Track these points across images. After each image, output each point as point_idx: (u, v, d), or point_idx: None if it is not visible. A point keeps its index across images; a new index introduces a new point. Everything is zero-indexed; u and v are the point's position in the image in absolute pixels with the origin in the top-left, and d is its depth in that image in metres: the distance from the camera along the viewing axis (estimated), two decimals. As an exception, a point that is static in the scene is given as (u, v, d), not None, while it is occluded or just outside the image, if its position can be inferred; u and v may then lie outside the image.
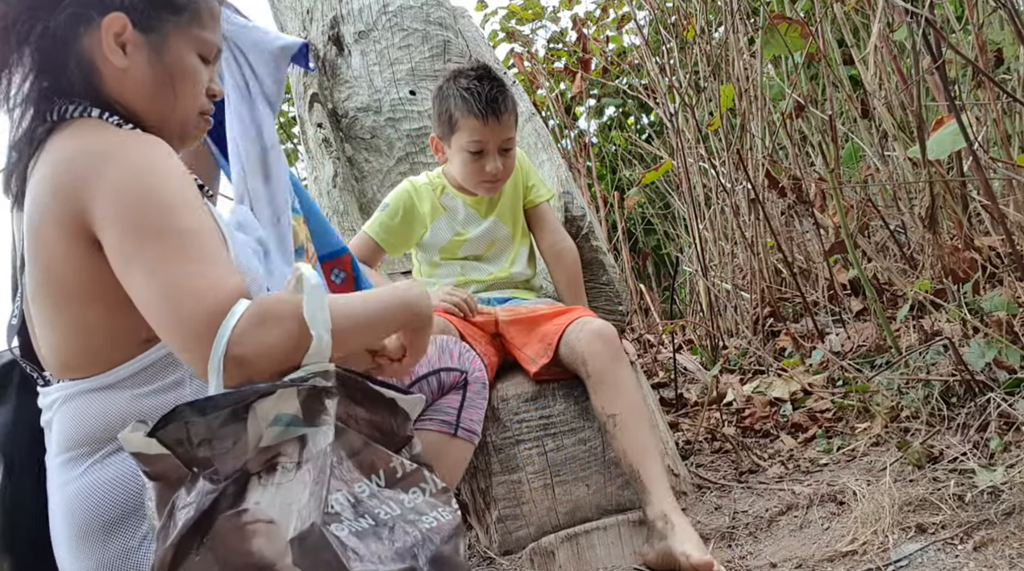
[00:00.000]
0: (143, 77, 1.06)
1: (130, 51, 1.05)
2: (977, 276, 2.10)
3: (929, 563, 1.36)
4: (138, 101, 1.07)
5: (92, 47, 1.04)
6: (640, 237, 4.21)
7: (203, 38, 1.10)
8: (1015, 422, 1.66)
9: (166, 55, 1.07)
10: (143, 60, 1.06)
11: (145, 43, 1.06)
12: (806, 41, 2.51)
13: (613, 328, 1.73)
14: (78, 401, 1.01)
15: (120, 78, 1.05)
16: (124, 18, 1.04)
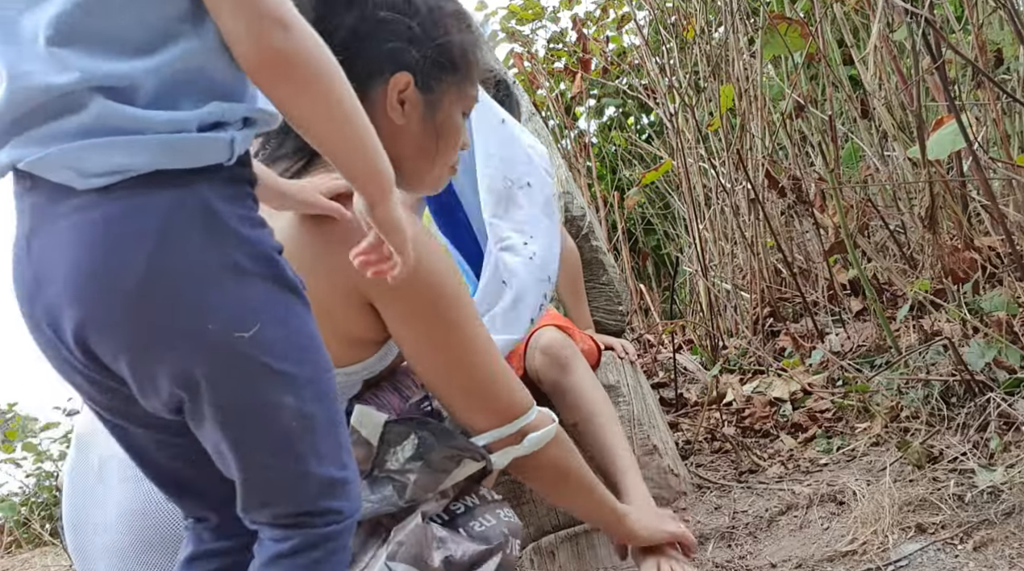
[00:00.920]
0: (414, 133, 1.07)
1: (407, 109, 1.05)
2: (977, 276, 2.10)
3: (929, 563, 1.36)
4: (403, 155, 1.04)
5: (376, 100, 1.04)
6: (640, 237, 4.21)
7: (470, 95, 1.11)
8: (1015, 422, 1.66)
9: (438, 114, 1.08)
10: (417, 118, 1.06)
11: (422, 101, 1.06)
12: (806, 41, 2.51)
13: (560, 337, 1.71)
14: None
15: (394, 133, 1.03)
16: (409, 77, 1.04)
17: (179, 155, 0.66)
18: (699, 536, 1.67)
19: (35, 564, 2.56)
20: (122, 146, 0.65)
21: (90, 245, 0.65)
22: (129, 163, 0.65)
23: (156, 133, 0.66)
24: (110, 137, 0.65)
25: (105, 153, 0.65)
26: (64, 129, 0.65)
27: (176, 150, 0.66)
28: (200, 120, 0.68)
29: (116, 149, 0.65)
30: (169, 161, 0.66)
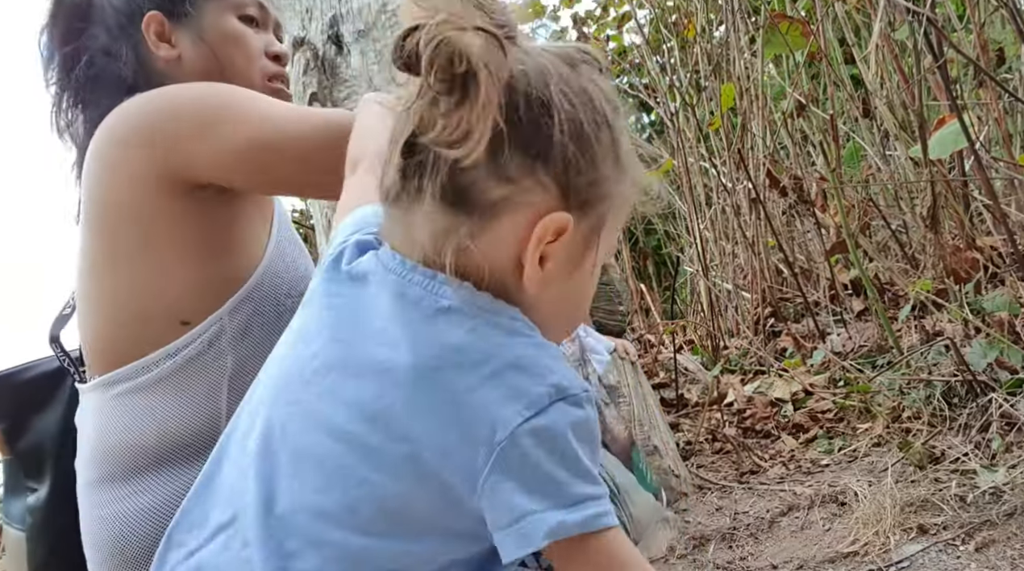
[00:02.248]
0: (192, 61, 1.08)
1: (176, 41, 1.08)
2: (979, 276, 2.10)
3: (931, 564, 1.35)
4: (194, 80, 1.07)
5: (146, 50, 1.07)
6: (640, 237, 4.20)
7: (236, 0, 1.11)
8: (1017, 422, 1.65)
9: (205, 33, 1.09)
10: (189, 45, 1.08)
11: (186, 30, 1.08)
12: (807, 40, 2.50)
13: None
14: (106, 400, 0.96)
15: (175, 68, 1.07)
16: (158, 15, 1.07)
17: None
18: (700, 537, 1.66)
19: (35, 564, 2.56)
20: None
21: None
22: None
23: None
24: None
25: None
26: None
27: None
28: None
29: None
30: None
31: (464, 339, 0.58)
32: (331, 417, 0.60)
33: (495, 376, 0.57)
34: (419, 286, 0.61)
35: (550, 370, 0.58)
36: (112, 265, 0.96)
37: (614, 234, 0.66)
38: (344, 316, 0.64)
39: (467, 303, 0.59)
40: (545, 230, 0.58)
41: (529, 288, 0.61)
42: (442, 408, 0.57)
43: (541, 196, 0.58)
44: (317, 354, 0.63)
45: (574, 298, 0.67)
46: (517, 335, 0.60)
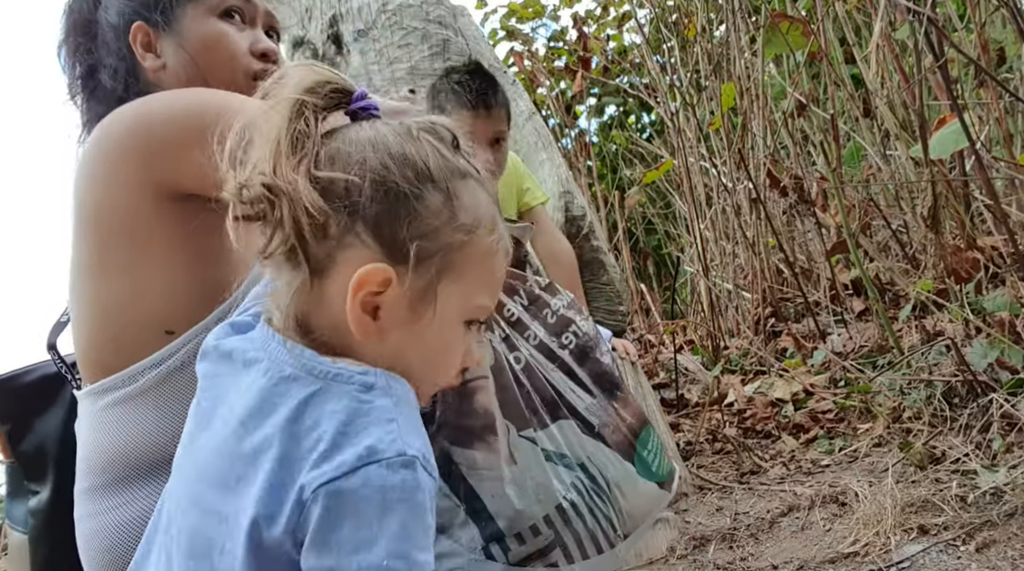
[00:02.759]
0: (175, 69, 1.08)
1: (160, 50, 1.09)
2: (980, 276, 2.09)
3: (931, 564, 1.35)
4: (179, 87, 1.07)
5: (135, 61, 1.09)
6: (641, 237, 4.20)
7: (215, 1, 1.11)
8: (1017, 423, 1.65)
9: (185, 40, 1.09)
10: (171, 54, 1.09)
11: (168, 38, 1.09)
12: (808, 40, 2.50)
13: None
14: (99, 416, 0.96)
15: (162, 77, 1.08)
16: (142, 26, 1.08)
17: None
18: (700, 537, 1.66)
19: (34, 564, 2.56)
20: None
21: None
22: None
23: None
24: None
25: None
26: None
27: None
28: None
29: None
30: None
31: (297, 409, 0.63)
32: (202, 493, 0.66)
33: (319, 441, 0.61)
34: (268, 359, 0.66)
35: (368, 434, 0.60)
36: (99, 273, 0.96)
37: (471, 288, 0.68)
38: (215, 397, 0.70)
39: (306, 370, 0.64)
40: (362, 280, 0.63)
41: (358, 335, 0.64)
42: (273, 480, 0.61)
43: (362, 251, 0.63)
44: (196, 435, 0.70)
45: (430, 349, 0.69)
46: (350, 400, 0.63)
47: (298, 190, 0.62)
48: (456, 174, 0.67)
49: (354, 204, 0.63)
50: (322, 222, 0.62)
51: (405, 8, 2.65)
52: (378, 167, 0.64)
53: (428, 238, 0.64)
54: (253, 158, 0.64)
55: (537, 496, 0.95)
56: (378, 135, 0.66)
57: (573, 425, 1.00)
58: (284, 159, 0.63)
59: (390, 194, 0.63)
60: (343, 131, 0.67)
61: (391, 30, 2.62)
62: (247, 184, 0.63)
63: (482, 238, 0.67)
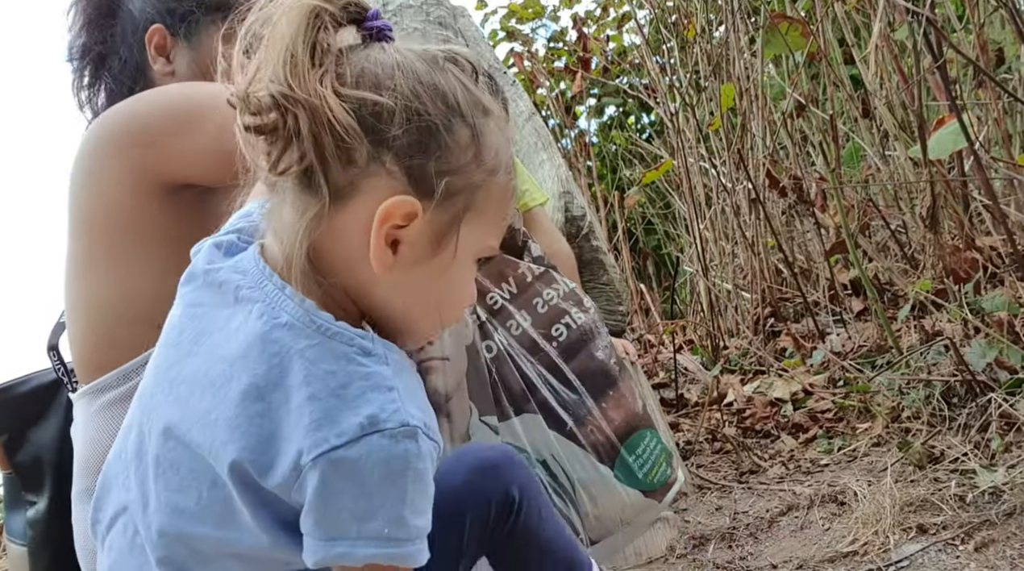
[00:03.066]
0: (182, 78, 1.10)
1: (173, 57, 1.10)
2: (978, 276, 2.10)
3: (930, 564, 1.36)
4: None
5: (146, 60, 1.11)
6: (640, 237, 4.20)
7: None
8: (1016, 422, 1.65)
9: (200, 55, 1.10)
10: (183, 64, 1.10)
11: (184, 47, 1.10)
12: (807, 40, 2.50)
13: None
14: (91, 413, 0.96)
15: (166, 82, 1.09)
16: (161, 28, 1.09)
17: None
18: (700, 537, 1.66)
19: (35, 564, 2.56)
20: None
21: None
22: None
23: None
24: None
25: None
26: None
27: None
28: None
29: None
30: None
31: (292, 360, 0.60)
32: (178, 427, 0.63)
33: (313, 400, 0.58)
34: (263, 302, 0.62)
35: (368, 401, 0.59)
36: (91, 271, 0.96)
37: (487, 228, 0.67)
38: (199, 330, 0.66)
39: (304, 322, 0.61)
40: (388, 212, 0.60)
41: (377, 269, 0.61)
42: (260, 427, 0.59)
43: (387, 181, 0.60)
44: (173, 364, 0.66)
45: (440, 287, 0.67)
46: (348, 362, 0.60)
47: (327, 105, 0.58)
48: (480, 110, 0.65)
49: (383, 131, 0.60)
50: (348, 145, 0.59)
51: (405, 9, 2.66)
52: (409, 94, 0.60)
53: (456, 174, 0.62)
54: (263, 65, 0.60)
55: None
56: (406, 60, 0.62)
57: (540, 420, 0.97)
58: (304, 70, 0.58)
59: (422, 124, 0.60)
60: (364, 50, 0.62)
61: (391, 30, 2.62)
62: (256, 92, 0.59)
63: (503, 178, 0.66)
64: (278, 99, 0.58)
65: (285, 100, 0.58)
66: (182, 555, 0.64)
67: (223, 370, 0.62)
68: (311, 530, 0.59)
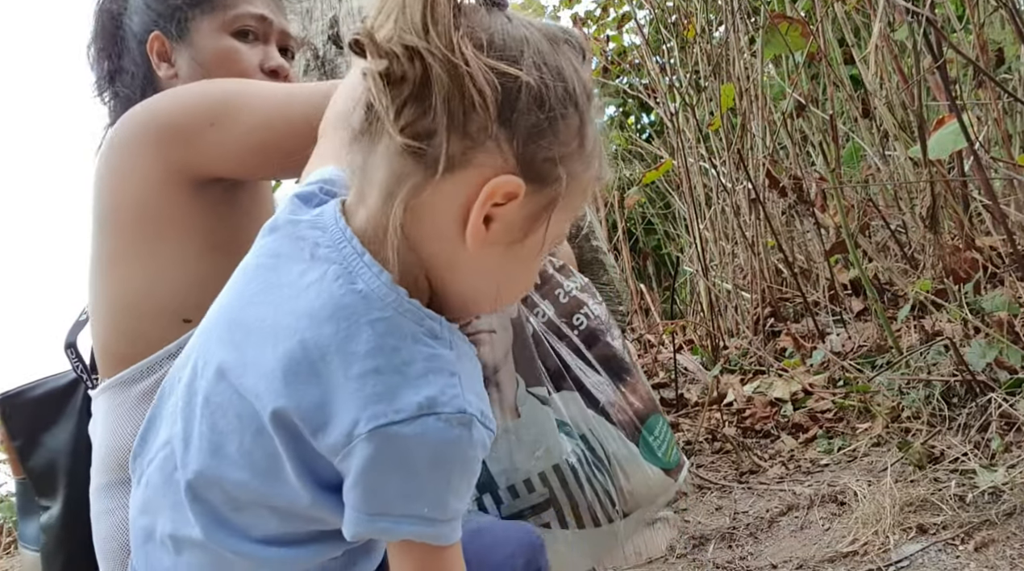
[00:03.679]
0: (187, 80, 1.10)
1: (175, 60, 1.11)
2: (978, 276, 2.10)
3: (930, 564, 1.36)
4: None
5: (151, 69, 1.12)
6: (640, 237, 4.20)
7: (230, 16, 1.11)
8: (1016, 422, 1.65)
9: (199, 53, 1.11)
10: (185, 65, 1.11)
11: (183, 49, 1.11)
12: (807, 40, 2.50)
13: None
14: (114, 406, 0.96)
15: (173, 86, 1.09)
16: (159, 35, 1.11)
17: None
18: (700, 537, 1.67)
19: (35, 564, 2.56)
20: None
21: None
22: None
23: None
24: None
25: None
26: None
27: None
28: None
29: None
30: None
31: (361, 328, 0.59)
32: (232, 370, 0.63)
33: (376, 372, 0.58)
34: (340, 265, 0.61)
35: (429, 383, 0.58)
36: (116, 265, 0.97)
37: (565, 220, 0.66)
38: (271, 280, 0.65)
39: (379, 294, 0.60)
40: (495, 189, 0.58)
41: (470, 243, 0.60)
42: (316, 387, 0.59)
43: (497, 158, 0.58)
44: (238, 308, 0.66)
45: (511, 271, 0.66)
46: (415, 341, 0.60)
47: (468, 68, 0.55)
48: (587, 97, 0.62)
49: (510, 106, 0.57)
50: (474, 114, 0.56)
51: (405, 9, 2.66)
52: (535, 74, 0.58)
53: (561, 162, 0.60)
54: (391, 10, 0.56)
55: (535, 451, 0.95)
56: (531, 36, 0.60)
57: (577, 397, 1.00)
58: (446, 25, 0.55)
59: (543, 107, 0.58)
60: (487, 17, 0.59)
61: (391, 31, 2.62)
62: (389, 38, 0.56)
63: (596, 168, 0.64)
64: (420, 52, 0.55)
65: (427, 55, 0.55)
66: (217, 498, 0.64)
67: (289, 324, 0.61)
68: (356, 503, 0.59)
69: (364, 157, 0.62)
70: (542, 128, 0.59)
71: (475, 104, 0.56)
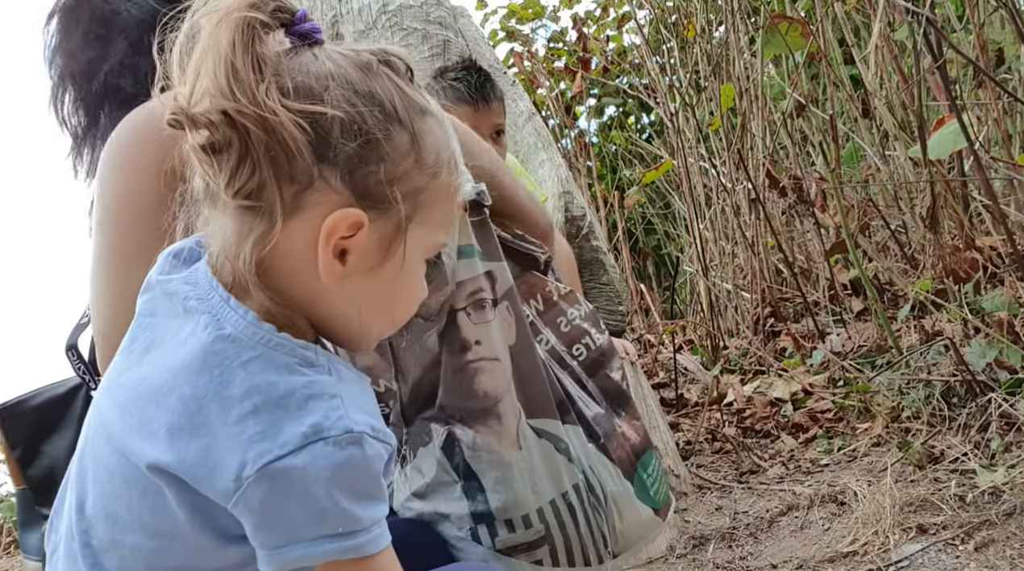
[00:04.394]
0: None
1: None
2: (978, 276, 2.10)
3: (930, 563, 1.36)
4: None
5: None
6: (640, 237, 4.20)
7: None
8: (1016, 422, 1.65)
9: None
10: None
11: None
12: (807, 40, 2.50)
13: None
14: None
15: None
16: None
17: None
18: (700, 537, 1.67)
19: (35, 564, 2.56)
20: None
21: None
22: None
23: None
24: None
25: None
26: None
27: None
28: None
29: None
30: None
31: (233, 372, 0.60)
32: (118, 432, 0.63)
33: (255, 412, 0.58)
34: (208, 313, 0.62)
35: (311, 411, 0.59)
36: (119, 262, 0.97)
37: (434, 227, 0.66)
38: (149, 339, 0.66)
39: (246, 334, 0.61)
40: (334, 226, 0.60)
41: (327, 281, 0.61)
42: (198, 439, 0.59)
43: (330, 194, 0.60)
44: (122, 371, 0.67)
45: (391, 291, 0.67)
46: (290, 373, 0.60)
47: (279, 120, 0.57)
48: (418, 112, 0.64)
49: (325, 144, 0.59)
50: (295, 161, 0.58)
51: (405, 9, 2.66)
52: (346, 106, 0.59)
53: (398, 182, 0.62)
54: (199, 81, 0.58)
55: (534, 487, 0.94)
56: (339, 69, 0.61)
57: (579, 431, 0.99)
58: (250, 84, 0.57)
59: (360, 135, 0.60)
60: (296, 57, 0.61)
61: (391, 31, 2.62)
62: (203, 109, 0.58)
63: (445, 178, 0.65)
64: (231, 115, 0.57)
65: (238, 115, 0.57)
66: (114, 566, 0.64)
67: (166, 380, 0.61)
68: (264, 541, 0.60)
69: (211, 215, 0.64)
70: (364, 155, 0.60)
71: (293, 150, 0.58)
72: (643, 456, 1.05)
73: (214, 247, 0.65)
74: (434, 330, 0.91)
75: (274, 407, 0.58)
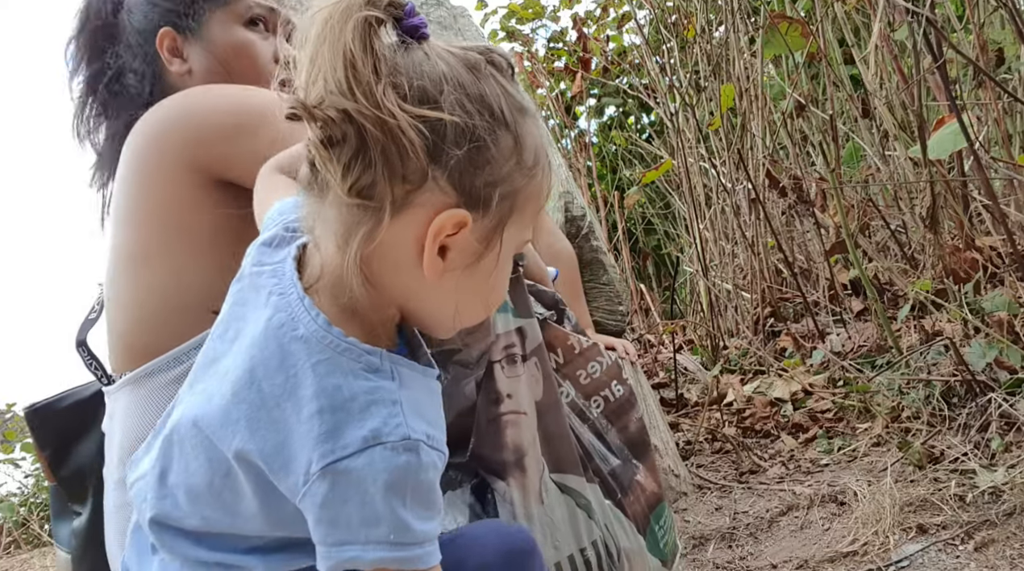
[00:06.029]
0: (202, 73, 1.12)
1: (187, 55, 1.12)
2: (978, 276, 2.10)
3: (930, 563, 1.36)
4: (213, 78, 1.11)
5: (161, 66, 1.13)
6: (640, 237, 4.20)
7: (243, 6, 1.13)
8: (1016, 422, 1.65)
9: (212, 46, 1.12)
10: (198, 58, 1.12)
11: (195, 43, 1.12)
12: (807, 40, 2.50)
13: None
14: (139, 397, 0.97)
15: (188, 81, 1.11)
16: (170, 31, 1.11)
17: None
18: (700, 537, 1.66)
19: (34, 565, 2.56)
20: None
21: None
22: None
23: None
24: None
25: None
26: None
27: None
28: None
29: None
30: None
31: (305, 373, 0.63)
32: (204, 416, 0.67)
33: (322, 413, 0.62)
34: (285, 311, 0.66)
35: (372, 415, 0.62)
36: (142, 258, 0.98)
37: (524, 227, 0.69)
38: (239, 328, 0.70)
39: (317, 337, 0.64)
40: (441, 226, 0.62)
41: (428, 276, 0.64)
42: (275, 433, 0.63)
43: (438, 195, 0.62)
44: (213, 358, 0.71)
45: (482, 284, 0.69)
46: (355, 377, 0.63)
47: (397, 122, 0.58)
48: (520, 112, 0.66)
49: (439, 148, 0.61)
50: (409, 162, 0.60)
51: (405, 9, 2.65)
52: (460, 111, 0.61)
53: (501, 183, 0.64)
54: (317, 75, 0.60)
55: (554, 541, 0.95)
56: (451, 70, 0.63)
57: (597, 490, 1.00)
58: (369, 84, 0.58)
59: (471, 139, 0.61)
60: (408, 55, 0.62)
61: (391, 31, 2.62)
62: (321, 105, 0.59)
63: (540, 178, 0.68)
64: (351, 114, 0.59)
65: (357, 115, 0.58)
66: (180, 535, 0.69)
67: (247, 373, 0.65)
68: (322, 537, 0.63)
69: (316, 207, 0.66)
70: (473, 158, 0.62)
71: (408, 152, 0.59)
72: (656, 508, 1.07)
73: (314, 236, 0.67)
74: (472, 378, 0.93)
75: (338, 410, 0.62)
